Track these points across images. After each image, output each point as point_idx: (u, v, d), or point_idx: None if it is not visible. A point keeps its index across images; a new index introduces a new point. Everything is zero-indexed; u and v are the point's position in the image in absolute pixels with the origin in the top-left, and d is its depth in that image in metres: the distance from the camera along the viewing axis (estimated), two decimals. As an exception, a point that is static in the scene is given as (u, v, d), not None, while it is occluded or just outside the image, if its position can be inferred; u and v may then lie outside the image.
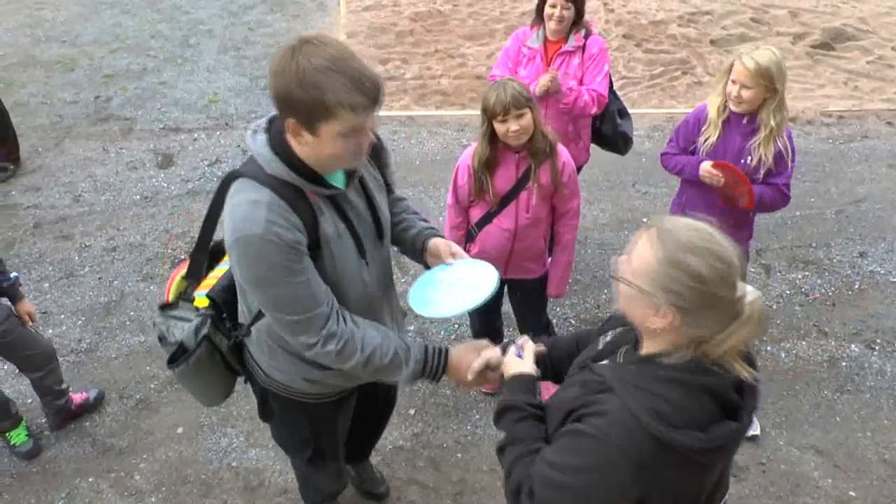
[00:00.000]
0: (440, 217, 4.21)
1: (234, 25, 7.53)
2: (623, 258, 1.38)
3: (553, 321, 3.51)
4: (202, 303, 1.92)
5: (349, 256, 1.76)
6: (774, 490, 2.94)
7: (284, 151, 1.61)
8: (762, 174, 2.80)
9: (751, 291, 1.33)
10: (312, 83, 1.45)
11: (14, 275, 2.91)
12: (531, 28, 3.43)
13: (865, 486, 2.96)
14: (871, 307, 3.91)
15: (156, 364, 3.46)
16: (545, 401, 1.59)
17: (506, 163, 2.68)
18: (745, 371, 1.33)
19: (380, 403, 2.46)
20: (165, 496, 2.91)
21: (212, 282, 1.95)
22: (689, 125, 2.97)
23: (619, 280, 1.37)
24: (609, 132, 3.58)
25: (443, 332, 3.72)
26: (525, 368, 1.66)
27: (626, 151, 3.74)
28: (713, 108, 2.83)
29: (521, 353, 1.70)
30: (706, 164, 2.83)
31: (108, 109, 5.88)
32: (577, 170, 3.10)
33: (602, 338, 1.62)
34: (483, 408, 3.30)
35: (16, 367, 3.06)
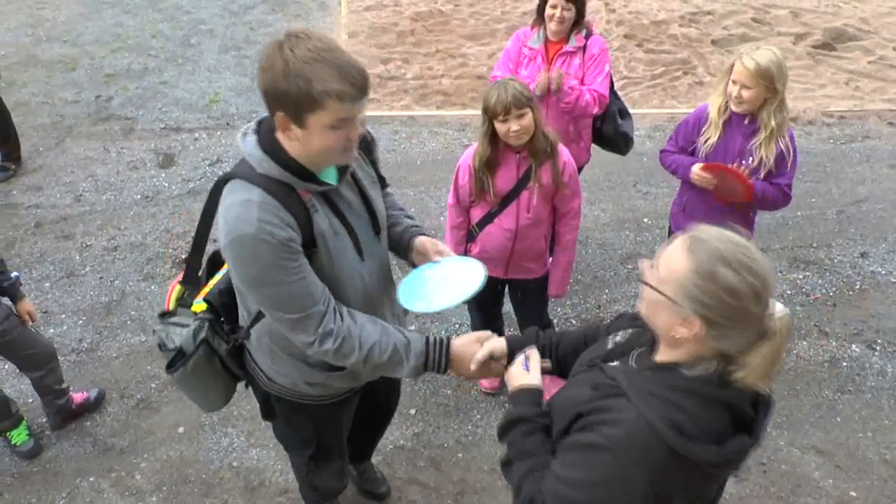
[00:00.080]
0: (441, 217, 4.21)
1: (236, 25, 7.53)
2: (650, 263, 1.35)
3: (554, 321, 3.50)
4: (200, 308, 1.92)
5: (346, 253, 1.75)
6: (775, 490, 2.94)
7: (275, 150, 1.61)
8: (763, 175, 2.80)
9: (780, 309, 1.30)
10: (299, 74, 1.46)
11: (15, 274, 2.91)
12: (532, 28, 3.43)
13: (866, 487, 2.96)
14: (872, 307, 3.91)
15: (156, 364, 3.46)
16: (549, 398, 1.57)
17: (507, 163, 2.68)
18: (763, 385, 1.31)
19: (381, 404, 2.46)
20: (166, 496, 2.91)
21: (210, 288, 1.95)
22: (690, 125, 2.97)
23: (646, 285, 1.34)
24: (610, 132, 3.58)
25: (443, 333, 3.72)
26: (531, 381, 1.63)
27: (627, 151, 3.74)
28: (714, 109, 2.83)
29: (528, 365, 1.67)
30: (696, 168, 2.83)
31: (109, 109, 5.88)
32: (578, 170, 3.11)
33: (611, 337, 1.60)
34: (484, 408, 3.30)
35: (16, 367, 3.06)
